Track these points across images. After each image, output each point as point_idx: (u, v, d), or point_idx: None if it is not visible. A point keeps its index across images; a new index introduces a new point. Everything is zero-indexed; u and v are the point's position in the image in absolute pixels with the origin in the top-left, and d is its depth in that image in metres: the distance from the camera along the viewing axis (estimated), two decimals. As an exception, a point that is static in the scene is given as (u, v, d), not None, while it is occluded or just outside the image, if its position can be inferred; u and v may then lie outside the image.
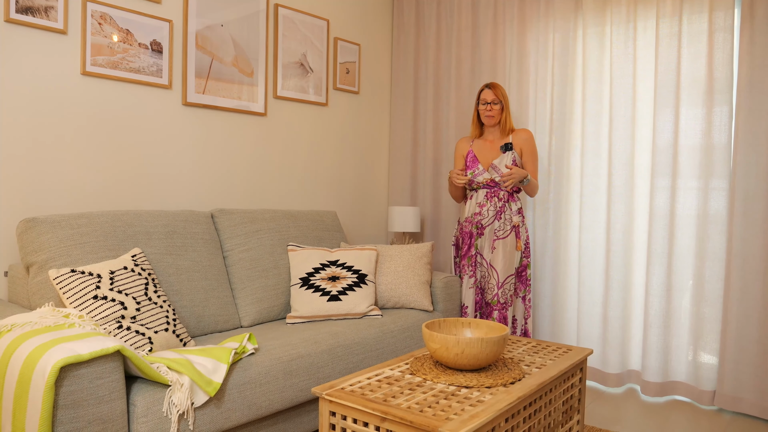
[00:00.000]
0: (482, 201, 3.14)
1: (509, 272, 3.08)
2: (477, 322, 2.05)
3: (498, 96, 3.12)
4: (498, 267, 3.07)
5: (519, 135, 3.16)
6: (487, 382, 1.76)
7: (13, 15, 2.31)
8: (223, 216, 2.77)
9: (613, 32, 3.27)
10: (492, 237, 3.11)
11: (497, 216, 3.10)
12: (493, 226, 3.11)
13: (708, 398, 3.02)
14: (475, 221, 3.15)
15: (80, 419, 1.56)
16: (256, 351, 2.12)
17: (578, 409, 2.17)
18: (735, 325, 2.90)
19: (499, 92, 3.13)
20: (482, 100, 3.15)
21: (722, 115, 2.96)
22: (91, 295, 1.95)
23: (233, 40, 3.11)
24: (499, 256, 3.07)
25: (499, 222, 3.09)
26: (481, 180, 3.14)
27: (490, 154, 3.18)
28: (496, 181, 3.10)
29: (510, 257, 3.07)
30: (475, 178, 3.15)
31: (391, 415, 1.53)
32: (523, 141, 3.14)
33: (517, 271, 3.12)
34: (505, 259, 3.07)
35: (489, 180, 3.12)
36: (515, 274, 3.10)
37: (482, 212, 3.12)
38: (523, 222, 3.15)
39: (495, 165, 3.11)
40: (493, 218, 3.11)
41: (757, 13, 2.83)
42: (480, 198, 3.15)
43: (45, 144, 2.46)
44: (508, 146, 3.09)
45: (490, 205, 3.11)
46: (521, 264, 3.13)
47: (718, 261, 3.00)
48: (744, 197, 2.88)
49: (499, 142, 3.18)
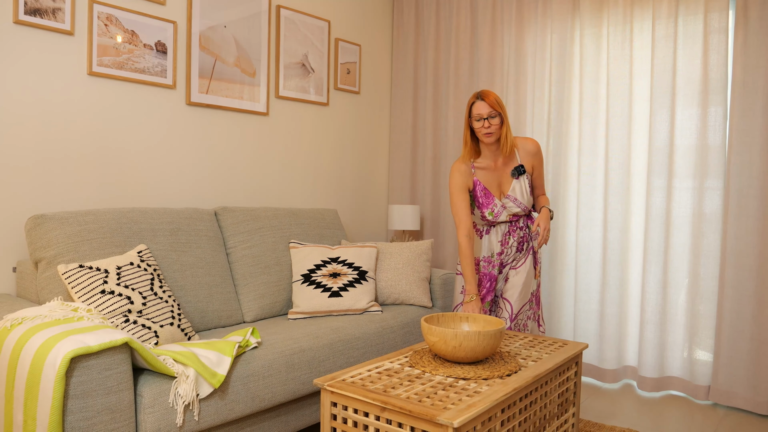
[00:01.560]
0: (503, 238, 2.62)
1: (523, 302, 2.61)
2: (475, 317, 2.10)
3: (494, 107, 2.44)
4: (512, 299, 2.59)
5: (527, 150, 2.59)
6: (484, 374, 1.81)
7: (21, 17, 2.36)
8: (226, 214, 2.83)
9: (610, 33, 3.32)
10: (509, 270, 2.65)
11: (519, 248, 2.63)
12: (516, 258, 2.65)
13: (703, 393, 3.07)
14: (495, 261, 2.63)
15: (89, 409, 1.62)
16: (259, 345, 2.17)
17: (573, 402, 2.22)
18: (729, 322, 2.96)
19: (494, 101, 2.44)
20: (475, 115, 2.47)
21: (717, 115, 3.01)
22: (98, 289, 2.00)
23: (236, 40, 3.16)
24: (514, 286, 2.61)
25: (519, 254, 2.63)
26: (504, 219, 2.60)
27: (499, 182, 2.59)
28: (519, 215, 2.61)
29: (525, 287, 2.61)
30: (497, 219, 2.58)
31: (391, 404, 1.58)
32: (533, 156, 2.59)
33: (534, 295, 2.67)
34: (521, 290, 2.59)
35: (510, 215, 2.60)
36: (531, 299, 2.65)
37: (505, 251, 2.62)
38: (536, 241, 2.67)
39: (511, 197, 2.56)
40: (516, 252, 2.63)
41: (751, 15, 2.88)
42: (500, 235, 2.62)
43: (52, 142, 2.51)
44: (520, 171, 2.54)
45: (514, 241, 2.61)
46: (536, 285, 2.69)
47: (712, 259, 3.05)
48: (738, 196, 2.93)
49: (505, 163, 2.58)
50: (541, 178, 2.66)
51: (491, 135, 2.47)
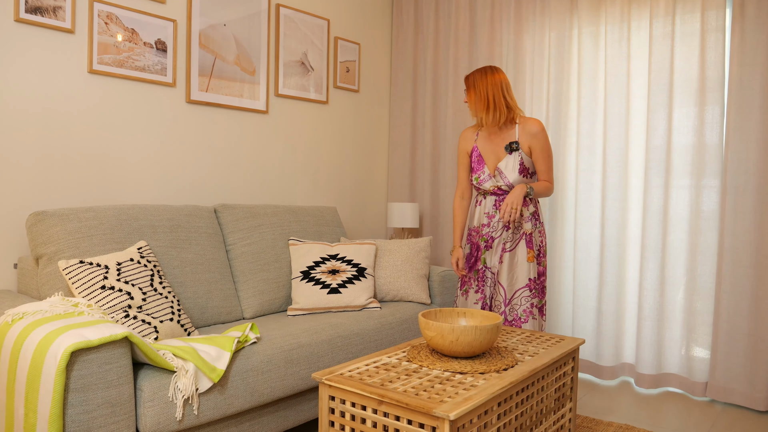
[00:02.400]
0: (490, 211, 2.73)
1: (517, 286, 2.67)
2: (472, 312, 2.12)
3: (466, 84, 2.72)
4: (504, 282, 2.68)
5: (526, 128, 2.67)
6: (480, 369, 1.83)
7: (22, 15, 2.38)
8: (225, 211, 2.84)
9: (608, 32, 3.34)
10: (500, 249, 2.72)
11: (506, 226, 2.70)
12: (502, 237, 2.71)
13: (700, 390, 3.08)
14: (483, 233, 2.75)
15: (90, 402, 1.63)
16: (259, 340, 2.19)
17: (570, 397, 2.24)
18: (726, 318, 2.97)
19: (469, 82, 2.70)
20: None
21: (714, 113, 3.02)
22: (99, 285, 2.02)
23: (235, 39, 3.18)
24: (504, 270, 2.69)
25: (507, 232, 2.70)
26: (487, 187, 2.73)
27: (495, 153, 2.72)
28: (504, 190, 2.70)
29: (519, 270, 2.67)
30: (481, 185, 2.74)
31: (388, 398, 1.60)
32: (531, 136, 2.65)
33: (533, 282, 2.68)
34: (511, 274, 2.68)
35: (496, 188, 2.71)
36: (530, 286, 2.67)
37: (491, 224, 2.72)
38: (536, 227, 2.71)
39: (500, 170, 2.68)
40: (502, 230, 2.71)
41: (747, 13, 2.89)
42: (488, 207, 2.74)
43: (53, 140, 2.53)
44: (512, 146, 2.65)
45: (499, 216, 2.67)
46: (537, 272, 2.70)
47: (710, 256, 3.07)
48: (735, 194, 2.95)
49: (503, 135, 2.71)
50: (544, 163, 2.68)
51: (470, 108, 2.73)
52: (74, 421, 1.60)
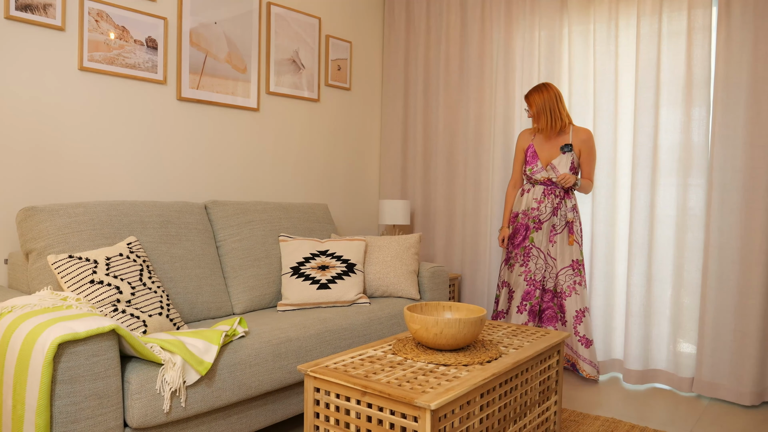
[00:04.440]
0: (539, 197, 3.27)
1: (565, 264, 3.24)
2: (458, 306, 2.14)
3: (528, 105, 3.28)
4: (556, 257, 3.25)
5: (579, 135, 3.25)
6: (464, 361, 1.85)
7: (12, 12, 2.39)
8: (216, 207, 2.86)
9: (596, 30, 3.37)
10: (550, 231, 3.26)
11: (554, 212, 3.25)
12: (551, 221, 3.25)
13: (687, 385, 3.12)
14: (532, 215, 3.28)
15: (77, 394, 1.65)
16: (247, 334, 2.21)
17: (555, 390, 2.27)
18: (712, 314, 3.00)
19: (530, 101, 3.26)
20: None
21: (700, 112, 3.05)
22: (87, 279, 2.04)
23: (227, 37, 3.20)
24: (558, 248, 3.25)
25: (557, 218, 3.25)
26: (539, 178, 3.29)
27: (549, 152, 3.29)
28: (554, 180, 3.25)
29: (566, 250, 3.24)
30: (534, 176, 3.30)
31: (371, 389, 1.62)
32: (582, 142, 3.24)
33: (578, 263, 3.23)
34: (562, 252, 3.24)
35: (546, 179, 3.27)
36: (573, 266, 3.23)
37: (540, 208, 3.26)
38: (576, 217, 3.26)
39: (554, 165, 3.24)
40: (550, 214, 3.25)
41: (733, 12, 2.93)
42: (537, 194, 3.29)
43: (44, 136, 2.54)
44: (567, 147, 3.21)
45: (548, 202, 3.24)
46: (582, 256, 3.26)
47: (696, 252, 3.10)
48: (721, 191, 2.98)
49: (558, 139, 3.27)
50: (588, 165, 3.27)
51: (533, 120, 3.31)
52: (62, 413, 1.62)
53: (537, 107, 3.23)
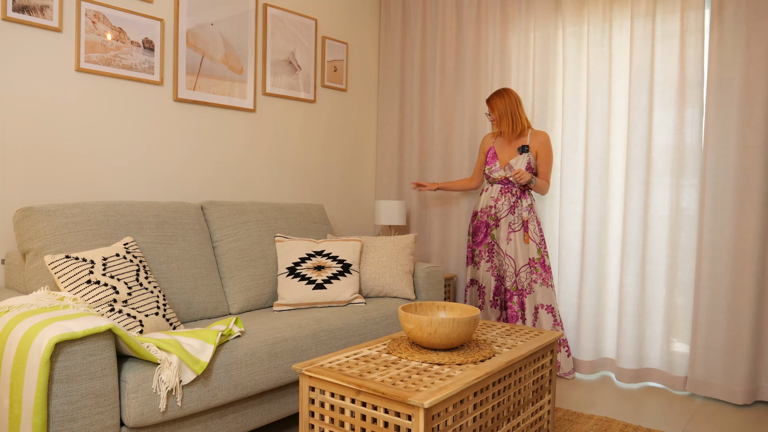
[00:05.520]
0: (497, 195, 3.43)
1: (523, 262, 3.35)
2: (452, 306, 2.16)
3: (490, 109, 3.43)
4: (513, 256, 3.37)
5: (536, 138, 3.40)
6: (458, 360, 1.87)
7: (10, 13, 2.40)
8: (212, 208, 2.88)
9: (590, 32, 3.39)
10: (507, 229, 3.39)
11: (511, 210, 3.38)
12: (507, 219, 3.38)
13: (680, 384, 3.14)
14: (490, 213, 3.44)
15: (74, 393, 1.67)
16: (243, 334, 2.22)
17: (549, 389, 2.29)
18: (705, 314, 3.03)
19: (491, 105, 3.42)
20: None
21: (693, 113, 3.08)
22: (84, 279, 2.05)
23: (223, 38, 3.21)
24: (514, 247, 3.37)
25: (513, 216, 3.38)
26: (496, 176, 3.45)
27: (507, 153, 3.45)
28: (510, 179, 3.40)
29: (524, 248, 3.36)
30: (492, 174, 3.47)
31: (365, 387, 1.64)
32: (540, 144, 3.38)
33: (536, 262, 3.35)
34: (518, 250, 3.36)
35: (503, 177, 3.43)
36: (532, 264, 3.35)
37: (497, 206, 3.41)
38: (531, 216, 3.37)
39: (511, 165, 3.39)
40: (507, 212, 3.39)
41: (726, 14, 2.95)
42: (495, 192, 3.44)
43: (41, 137, 2.56)
44: (524, 148, 3.37)
45: (505, 200, 3.39)
46: (541, 254, 3.36)
47: (689, 252, 3.12)
48: (714, 191, 3.00)
49: (517, 142, 3.44)
50: (545, 166, 3.40)
51: (495, 125, 3.47)
52: (58, 412, 1.64)
53: (499, 111, 3.38)
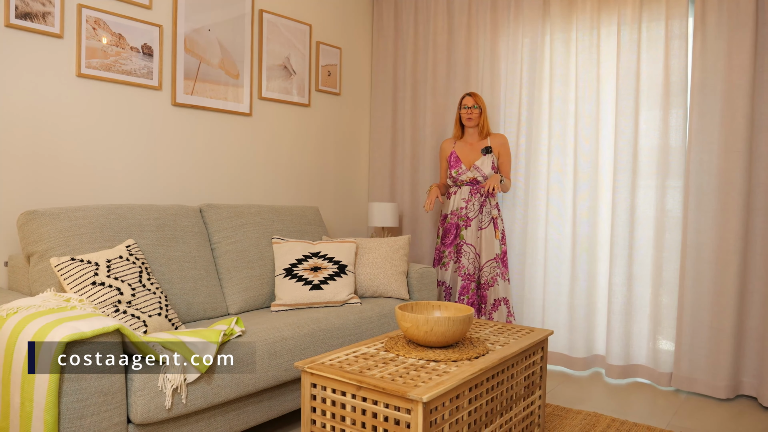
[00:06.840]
0: (467, 197, 3.58)
1: (490, 257, 3.52)
2: (446, 305, 2.24)
3: (477, 102, 3.57)
4: (481, 252, 3.54)
5: (496, 139, 3.61)
6: (453, 357, 1.95)
7: (12, 20, 2.45)
8: (210, 210, 2.94)
9: (578, 38, 3.49)
10: (477, 227, 3.55)
11: (480, 210, 3.55)
12: (478, 218, 3.55)
13: (666, 380, 3.24)
14: (461, 214, 3.58)
15: (83, 391, 1.72)
16: (243, 333, 2.29)
17: (540, 385, 2.37)
18: (689, 311, 3.13)
19: (479, 99, 3.58)
20: (464, 105, 3.60)
21: (677, 117, 3.18)
22: (89, 281, 2.11)
23: (220, 43, 3.27)
24: (482, 243, 3.53)
25: (482, 215, 3.55)
26: (464, 178, 3.59)
27: (471, 155, 3.61)
28: (479, 180, 3.56)
29: (490, 244, 3.53)
30: (460, 177, 3.60)
31: (366, 383, 1.71)
32: (500, 145, 3.60)
33: (499, 257, 3.54)
34: (486, 246, 3.53)
35: (472, 179, 3.57)
36: (497, 259, 3.53)
37: (468, 207, 3.57)
38: (499, 214, 3.58)
39: (477, 166, 3.55)
40: (477, 212, 3.55)
41: (708, 21, 3.06)
42: (465, 194, 3.59)
43: (43, 141, 2.60)
44: (488, 149, 3.56)
45: (475, 201, 3.55)
46: (502, 251, 3.55)
47: (674, 252, 3.23)
48: (697, 193, 3.11)
49: (479, 144, 3.61)
50: (505, 165, 3.62)
51: (471, 120, 3.61)
52: (69, 409, 1.69)
53: (482, 106, 3.60)
